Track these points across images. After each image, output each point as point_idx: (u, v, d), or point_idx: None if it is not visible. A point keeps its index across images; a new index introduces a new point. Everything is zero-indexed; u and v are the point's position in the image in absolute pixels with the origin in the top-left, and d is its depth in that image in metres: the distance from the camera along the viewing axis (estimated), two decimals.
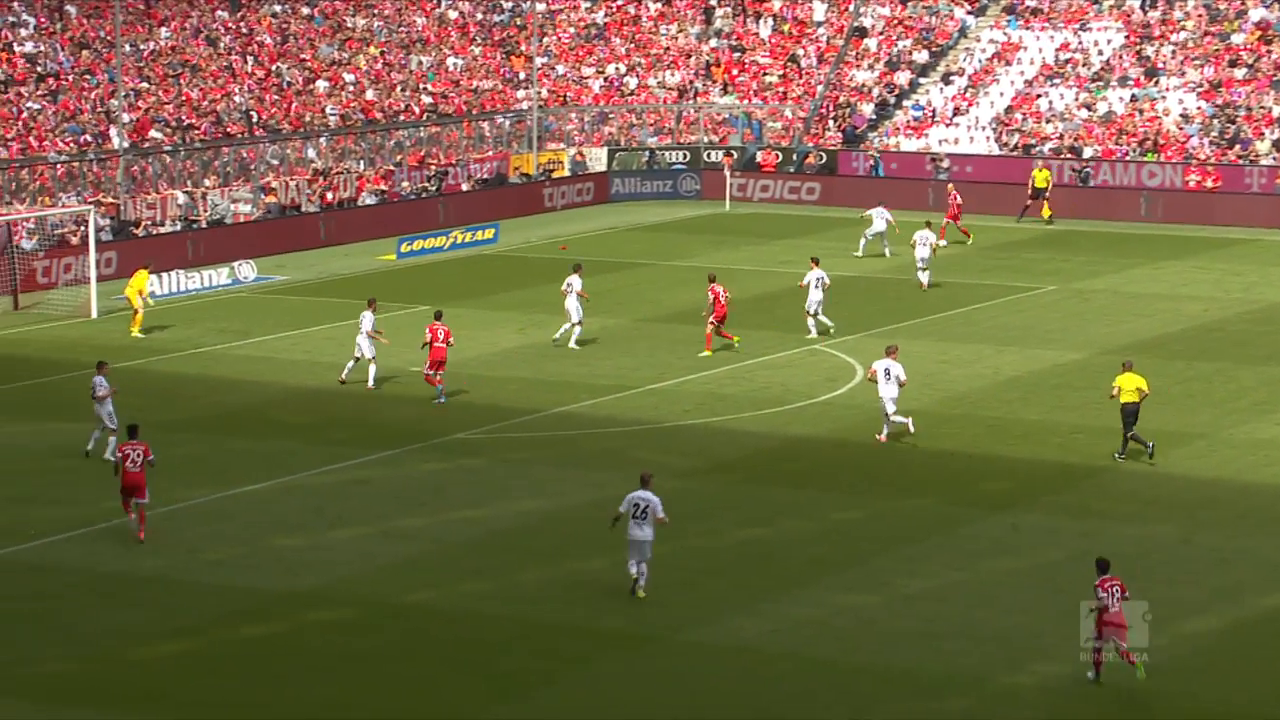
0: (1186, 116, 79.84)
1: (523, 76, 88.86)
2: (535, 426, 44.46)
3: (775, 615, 31.65)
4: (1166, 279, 63.41)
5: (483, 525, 36.83)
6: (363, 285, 60.49)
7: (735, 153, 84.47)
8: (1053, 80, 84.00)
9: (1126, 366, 41.50)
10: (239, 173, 73.30)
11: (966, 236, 69.61)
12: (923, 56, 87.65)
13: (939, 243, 62.65)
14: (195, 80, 77.84)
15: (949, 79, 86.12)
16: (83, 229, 62.44)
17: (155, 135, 72.96)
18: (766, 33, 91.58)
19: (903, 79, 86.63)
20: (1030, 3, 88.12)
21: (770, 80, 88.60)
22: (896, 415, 42.05)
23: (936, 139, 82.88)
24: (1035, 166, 76.79)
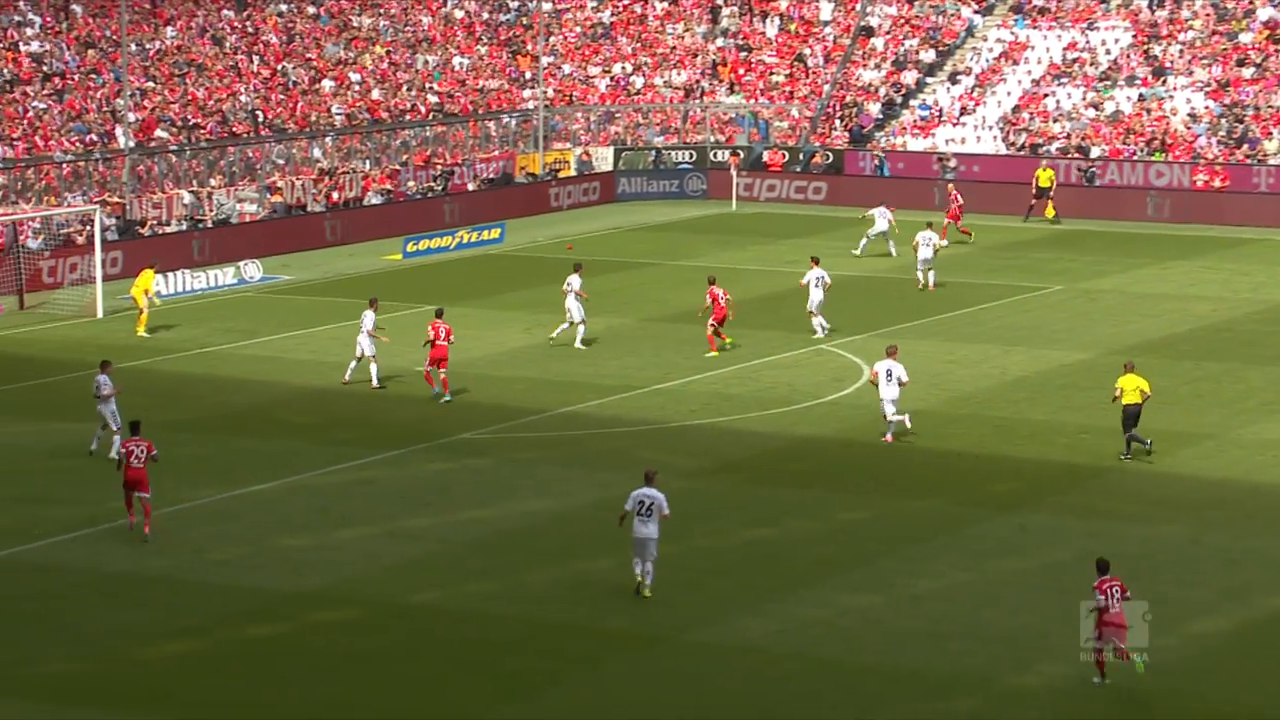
0: (1194, 116, 79.71)
1: (529, 76, 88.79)
2: (541, 426, 44.40)
3: (781, 615, 31.59)
4: (1174, 279, 63.27)
5: (488, 525, 36.78)
6: (368, 285, 60.35)
7: (741, 152, 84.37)
8: (1060, 80, 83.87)
9: (1128, 367, 41.42)
10: (244, 172, 73.29)
11: (968, 236, 69.48)
12: (930, 56, 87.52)
13: (940, 243, 62.55)
14: (201, 80, 77.81)
15: (956, 78, 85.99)
16: (88, 228, 62.36)
17: (161, 135, 72.93)
18: (773, 32, 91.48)
19: (909, 78, 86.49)
20: (1038, 2, 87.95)
21: (777, 80, 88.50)
22: (895, 415, 41.99)
23: (943, 138, 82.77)
24: (1040, 166, 76.73)
